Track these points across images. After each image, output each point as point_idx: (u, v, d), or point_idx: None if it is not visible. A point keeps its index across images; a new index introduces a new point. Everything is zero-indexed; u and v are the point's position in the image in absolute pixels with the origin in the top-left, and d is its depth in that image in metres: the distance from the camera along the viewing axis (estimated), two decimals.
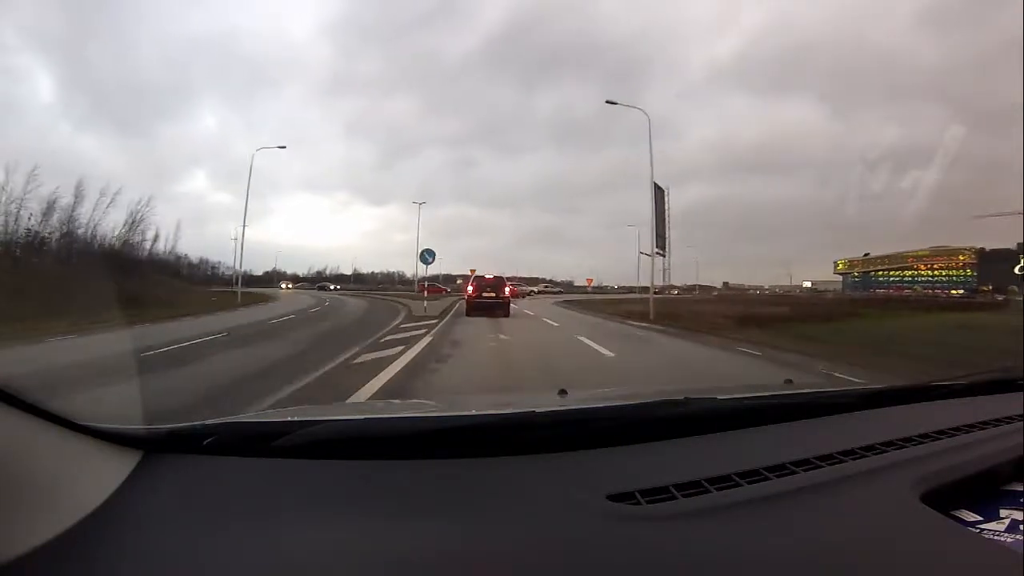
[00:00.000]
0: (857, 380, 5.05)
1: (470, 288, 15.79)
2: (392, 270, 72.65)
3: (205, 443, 0.78)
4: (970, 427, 0.98)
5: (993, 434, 0.96)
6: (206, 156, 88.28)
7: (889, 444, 0.87)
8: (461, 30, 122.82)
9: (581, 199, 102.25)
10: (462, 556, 0.58)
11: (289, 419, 0.98)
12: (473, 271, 22.52)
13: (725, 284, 66.57)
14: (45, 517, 0.55)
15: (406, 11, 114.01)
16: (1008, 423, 1.01)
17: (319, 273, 67.80)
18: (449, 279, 48.19)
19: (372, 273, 71.73)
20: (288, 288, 36.24)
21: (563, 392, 1.29)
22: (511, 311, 15.63)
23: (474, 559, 0.58)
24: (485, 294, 15.41)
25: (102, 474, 0.66)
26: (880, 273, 66.42)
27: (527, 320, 14.54)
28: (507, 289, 15.94)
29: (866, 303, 28.51)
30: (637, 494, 0.68)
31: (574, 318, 16.28)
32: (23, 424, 0.59)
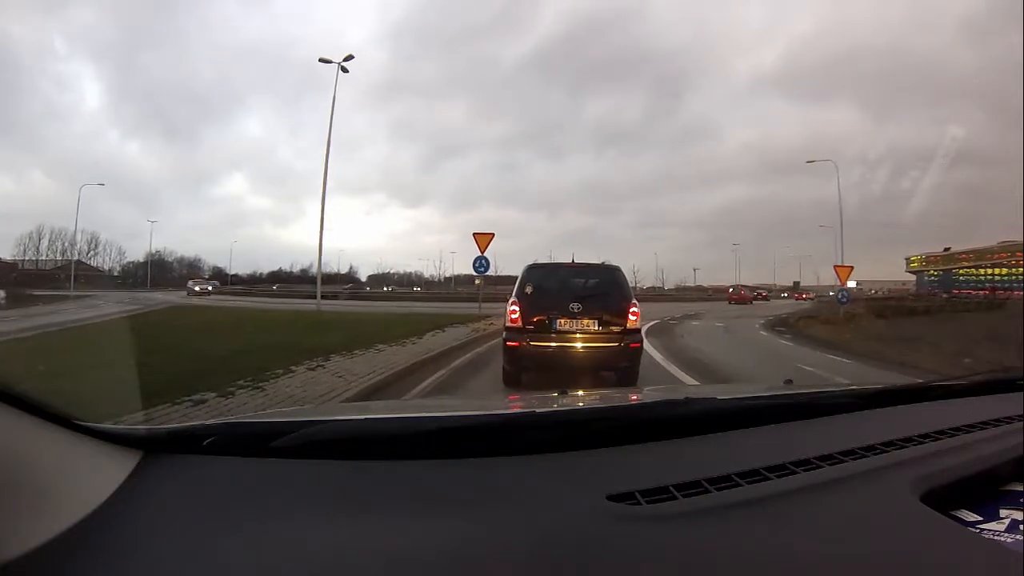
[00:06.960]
0: None
1: (515, 308, 5.11)
2: (410, 271, 69.59)
3: (205, 443, 0.78)
4: (970, 427, 0.98)
5: (993, 434, 0.96)
6: (246, 160, 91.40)
7: (889, 444, 0.87)
8: (516, 37, 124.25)
9: (619, 201, 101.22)
10: (462, 556, 0.58)
11: (289, 419, 0.99)
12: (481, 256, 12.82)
13: (796, 284, 61.47)
14: (45, 517, 0.54)
15: (462, 18, 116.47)
16: (1008, 423, 1.01)
17: (301, 271, 59.25)
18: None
19: (387, 274, 67.07)
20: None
21: (563, 392, 1.31)
22: None
23: (474, 559, 0.58)
24: (561, 323, 5.00)
25: (102, 474, 0.66)
26: (962, 271, 60.65)
27: None
28: (633, 309, 5.14)
29: None
30: (637, 494, 0.68)
31: None
32: (23, 424, 0.59)
